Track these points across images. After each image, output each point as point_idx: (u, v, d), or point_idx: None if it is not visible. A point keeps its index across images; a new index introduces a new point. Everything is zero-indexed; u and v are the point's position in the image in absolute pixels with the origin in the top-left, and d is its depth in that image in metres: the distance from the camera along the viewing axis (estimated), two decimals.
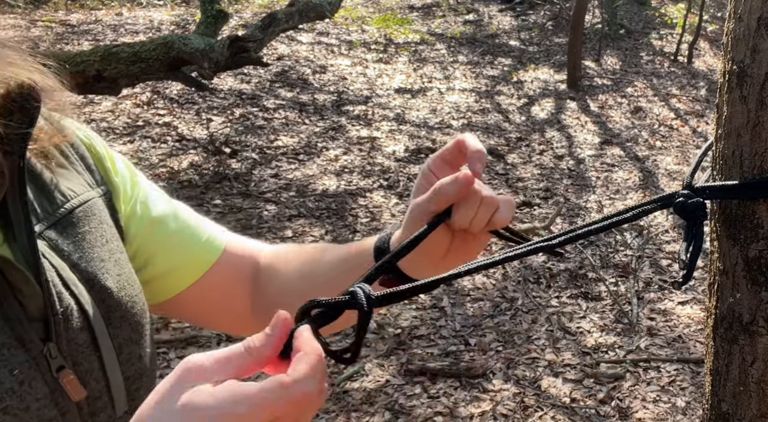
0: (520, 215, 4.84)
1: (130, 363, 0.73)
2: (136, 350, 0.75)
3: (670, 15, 10.83)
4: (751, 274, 0.71)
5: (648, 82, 8.33)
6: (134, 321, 0.74)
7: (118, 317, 0.72)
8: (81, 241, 0.72)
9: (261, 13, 8.83)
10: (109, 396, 0.71)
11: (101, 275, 0.72)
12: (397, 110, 6.81)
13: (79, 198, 0.74)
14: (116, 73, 4.46)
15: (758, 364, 0.72)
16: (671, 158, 6.16)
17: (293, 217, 4.61)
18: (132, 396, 0.73)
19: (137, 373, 0.75)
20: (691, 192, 0.72)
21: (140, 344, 0.75)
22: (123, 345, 0.73)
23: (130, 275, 0.76)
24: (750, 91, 0.69)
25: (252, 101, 6.53)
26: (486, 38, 9.68)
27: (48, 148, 0.73)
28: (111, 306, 0.72)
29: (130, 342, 0.74)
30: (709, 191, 0.72)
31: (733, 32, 0.71)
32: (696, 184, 0.74)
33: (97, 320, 0.69)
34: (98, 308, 0.70)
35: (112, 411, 0.71)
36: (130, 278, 0.76)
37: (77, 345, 0.68)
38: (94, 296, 0.70)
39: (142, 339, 0.76)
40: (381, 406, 2.97)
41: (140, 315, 0.76)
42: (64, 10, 8.94)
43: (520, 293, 3.89)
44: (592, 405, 3.03)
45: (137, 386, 0.74)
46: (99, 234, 0.74)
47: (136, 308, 0.75)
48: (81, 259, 0.71)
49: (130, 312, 0.74)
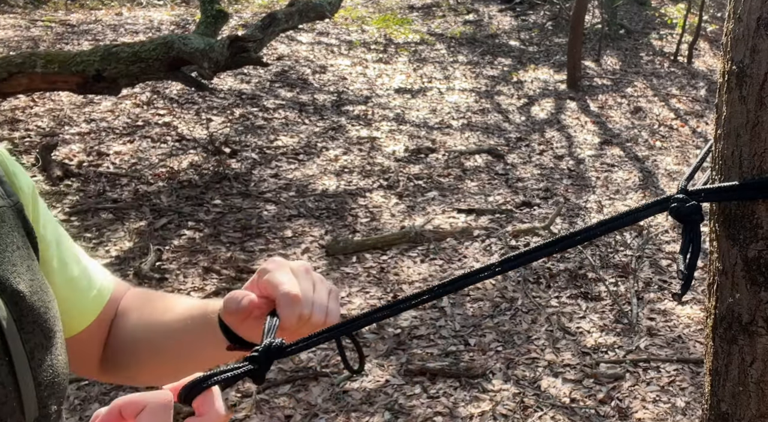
0: (520, 215, 4.85)
1: (41, 369, 0.72)
2: (48, 356, 0.73)
3: (670, 15, 10.83)
4: (750, 274, 0.71)
5: (648, 82, 8.32)
6: (46, 327, 0.73)
7: (30, 321, 0.71)
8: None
9: (261, 13, 8.83)
10: (18, 402, 0.69)
11: (13, 278, 0.70)
12: (396, 110, 6.81)
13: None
14: (116, 73, 4.46)
15: (757, 364, 0.72)
16: (671, 158, 6.16)
17: (293, 217, 4.61)
18: (43, 403, 0.72)
19: (49, 380, 0.73)
20: (687, 195, 0.72)
21: (51, 351, 0.74)
22: (35, 350, 0.72)
23: (43, 282, 0.76)
24: (749, 92, 0.69)
25: (252, 101, 6.53)
26: (486, 38, 9.68)
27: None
28: (23, 310, 0.71)
29: (41, 347, 0.73)
30: (704, 193, 0.72)
31: (732, 32, 0.71)
32: (694, 185, 0.74)
33: (8, 323, 0.68)
34: (10, 311, 0.69)
35: (21, 416, 0.70)
36: (42, 285, 0.75)
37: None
38: (6, 299, 0.69)
39: (54, 346, 0.75)
40: (381, 406, 2.97)
41: (52, 322, 0.75)
42: (63, 10, 8.94)
43: (520, 293, 3.89)
44: (591, 405, 3.03)
45: (48, 392, 0.73)
46: (10, 240, 0.73)
47: (49, 314, 0.74)
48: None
49: (43, 318, 0.73)
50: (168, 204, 4.61)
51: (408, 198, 5.03)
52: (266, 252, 4.17)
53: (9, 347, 0.68)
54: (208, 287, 3.77)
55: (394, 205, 4.92)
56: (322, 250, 4.24)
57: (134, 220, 4.38)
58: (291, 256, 4.14)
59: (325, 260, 4.13)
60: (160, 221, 4.41)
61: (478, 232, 4.56)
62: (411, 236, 4.40)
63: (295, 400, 2.97)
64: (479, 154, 5.92)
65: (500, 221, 4.75)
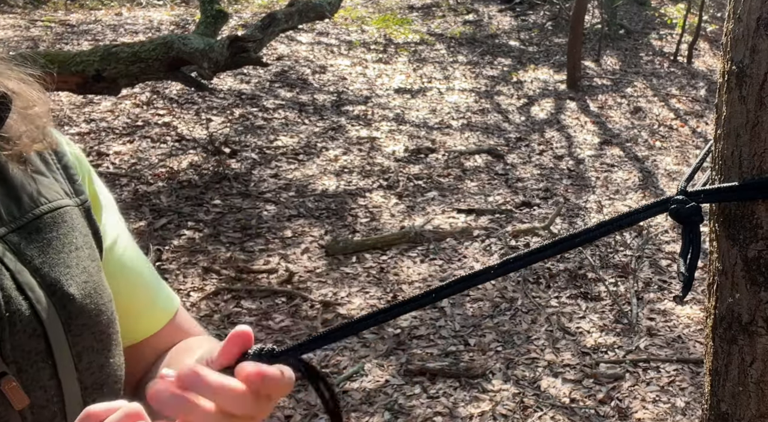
0: (519, 216, 4.85)
1: (89, 371, 0.71)
2: (98, 359, 0.72)
3: (669, 15, 10.83)
4: (750, 274, 0.71)
5: (648, 82, 8.33)
6: (98, 329, 0.72)
7: (79, 324, 0.70)
8: (46, 246, 0.70)
9: (261, 13, 8.83)
10: (60, 407, 0.68)
11: (65, 281, 0.70)
12: (396, 110, 6.81)
13: (51, 205, 0.73)
14: (116, 73, 4.46)
15: (757, 364, 0.72)
16: (671, 158, 6.16)
17: (293, 217, 4.61)
18: None
19: (96, 383, 0.72)
20: (687, 197, 0.71)
21: (103, 353, 0.73)
22: (83, 354, 0.71)
23: (99, 284, 0.74)
24: (749, 92, 0.69)
25: (252, 101, 6.53)
26: (486, 38, 9.68)
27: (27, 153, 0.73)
28: (72, 313, 0.70)
29: (91, 350, 0.71)
30: (704, 194, 0.72)
31: (732, 32, 0.71)
32: (694, 186, 0.74)
33: (53, 326, 0.67)
34: (58, 314, 0.68)
35: (63, 421, 0.69)
36: (98, 287, 0.74)
37: (25, 351, 0.66)
38: (55, 302, 0.68)
39: (107, 348, 0.74)
40: (380, 406, 2.97)
41: (106, 324, 0.74)
42: (63, 10, 8.93)
43: (520, 293, 3.89)
44: (591, 405, 3.03)
45: (96, 396, 0.72)
46: (68, 241, 0.72)
47: (103, 317, 0.73)
48: (44, 264, 0.69)
49: (95, 320, 0.72)
50: (168, 204, 4.61)
51: (408, 198, 5.03)
52: (266, 252, 4.17)
53: (53, 350, 0.67)
54: (208, 288, 3.77)
55: (394, 205, 4.92)
56: (321, 250, 4.24)
57: (134, 220, 4.38)
58: (291, 256, 4.14)
59: (324, 260, 4.13)
60: (160, 221, 4.41)
61: (478, 232, 4.56)
62: (411, 236, 4.40)
63: (295, 400, 2.97)
64: (479, 154, 5.92)
65: (500, 221, 4.75)
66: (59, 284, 0.69)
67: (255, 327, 3.27)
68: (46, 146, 0.76)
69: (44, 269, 0.69)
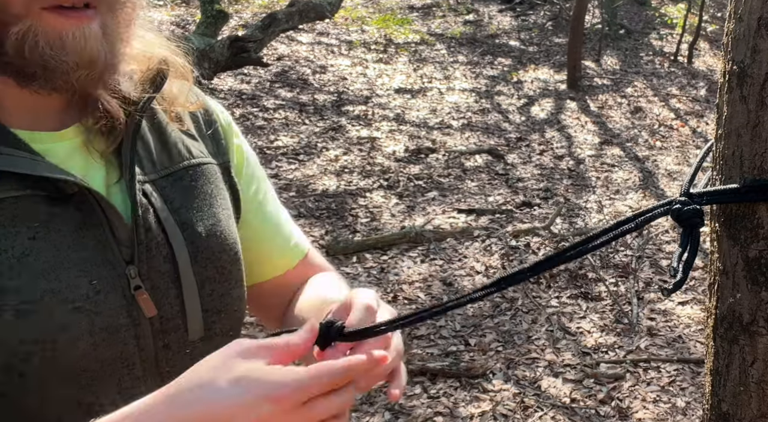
0: (520, 216, 4.85)
1: (210, 297, 0.85)
2: (219, 289, 0.86)
3: (670, 15, 10.83)
4: (751, 274, 0.71)
5: (648, 82, 8.33)
6: (220, 264, 0.86)
7: (204, 258, 0.84)
8: (186, 192, 0.85)
9: (261, 13, 8.82)
10: (183, 320, 0.82)
11: (196, 221, 0.84)
12: (397, 110, 6.81)
13: (196, 160, 0.88)
14: None
15: (758, 364, 0.72)
16: (671, 158, 6.16)
17: (293, 217, 4.61)
18: (208, 326, 0.85)
19: (216, 308, 0.86)
20: (689, 199, 0.71)
21: (224, 285, 0.87)
22: (206, 282, 0.84)
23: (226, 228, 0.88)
24: (750, 92, 0.69)
25: (252, 101, 6.53)
26: (486, 38, 9.68)
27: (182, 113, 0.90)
28: (199, 248, 0.84)
29: (213, 280, 0.85)
30: (706, 196, 0.72)
31: (733, 32, 0.71)
32: (695, 187, 0.74)
33: (182, 256, 0.81)
34: (186, 247, 0.82)
35: (185, 333, 0.83)
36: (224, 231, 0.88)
37: (159, 272, 0.80)
38: (186, 237, 0.82)
39: (227, 281, 0.87)
40: (381, 406, 2.97)
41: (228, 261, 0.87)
42: None
43: (520, 293, 3.89)
44: (592, 405, 3.03)
45: (214, 319, 0.86)
46: (204, 191, 0.87)
47: (225, 255, 0.87)
48: (182, 206, 0.84)
49: (217, 256, 0.86)
50: None
51: (408, 198, 5.03)
52: None
53: (180, 275, 0.81)
54: None
55: (394, 205, 4.92)
56: (322, 250, 4.24)
57: None
58: None
59: None
60: None
61: (478, 232, 4.56)
62: (411, 236, 4.40)
63: None
64: (479, 154, 5.92)
65: (500, 221, 4.75)
66: (191, 223, 0.84)
67: (256, 326, 3.27)
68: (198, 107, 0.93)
69: (181, 210, 0.84)
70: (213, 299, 0.85)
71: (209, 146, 0.93)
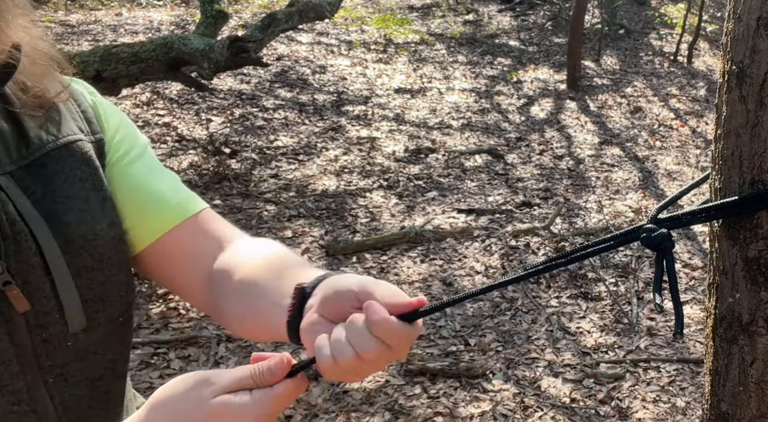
0: (520, 215, 4.85)
1: (89, 286, 0.83)
2: (98, 276, 0.84)
3: (669, 15, 10.84)
4: (750, 274, 0.71)
5: (647, 82, 8.33)
6: (96, 251, 0.83)
7: (77, 247, 0.81)
8: (50, 180, 0.82)
9: (261, 13, 8.82)
10: (60, 314, 0.80)
11: (63, 209, 0.81)
12: (396, 110, 6.81)
13: (59, 141, 0.84)
14: (116, 73, 4.46)
15: (758, 364, 0.72)
16: (671, 158, 6.16)
17: (293, 217, 4.61)
18: (91, 316, 0.83)
19: (97, 297, 0.84)
20: (656, 224, 0.73)
21: (103, 271, 0.84)
22: (82, 271, 0.82)
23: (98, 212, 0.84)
24: (749, 92, 0.69)
25: (252, 101, 6.53)
26: (485, 38, 9.68)
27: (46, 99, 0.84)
28: (68, 237, 0.81)
29: (90, 269, 0.83)
30: (670, 222, 0.73)
31: (732, 32, 0.71)
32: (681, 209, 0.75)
33: (50, 248, 0.79)
34: (55, 238, 0.79)
35: (65, 326, 0.81)
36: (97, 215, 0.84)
37: (30, 266, 0.78)
38: (52, 228, 0.79)
39: (107, 267, 0.84)
40: (381, 406, 2.97)
41: (104, 247, 0.84)
42: (63, 11, 8.93)
43: (520, 293, 3.89)
44: (592, 405, 3.03)
45: (96, 308, 0.84)
46: (72, 173, 0.83)
47: (99, 240, 0.84)
48: (45, 196, 0.80)
49: (91, 243, 0.83)
50: None
51: (408, 198, 5.03)
52: None
53: (50, 267, 0.79)
54: None
55: (394, 205, 4.92)
56: (322, 250, 4.24)
57: None
58: None
59: (325, 261, 4.13)
60: None
61: (478, 232, 4.56)
62: (411, 236, 4.40)
63: (295, 400, 2.97)
64: (479, 154, 5.92)
65: (500, 221, 4.75)
66: (57, 212, 0.81)
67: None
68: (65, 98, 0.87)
69: (44, 201, 0.80)
70: (93, 288, 0.83)
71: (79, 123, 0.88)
